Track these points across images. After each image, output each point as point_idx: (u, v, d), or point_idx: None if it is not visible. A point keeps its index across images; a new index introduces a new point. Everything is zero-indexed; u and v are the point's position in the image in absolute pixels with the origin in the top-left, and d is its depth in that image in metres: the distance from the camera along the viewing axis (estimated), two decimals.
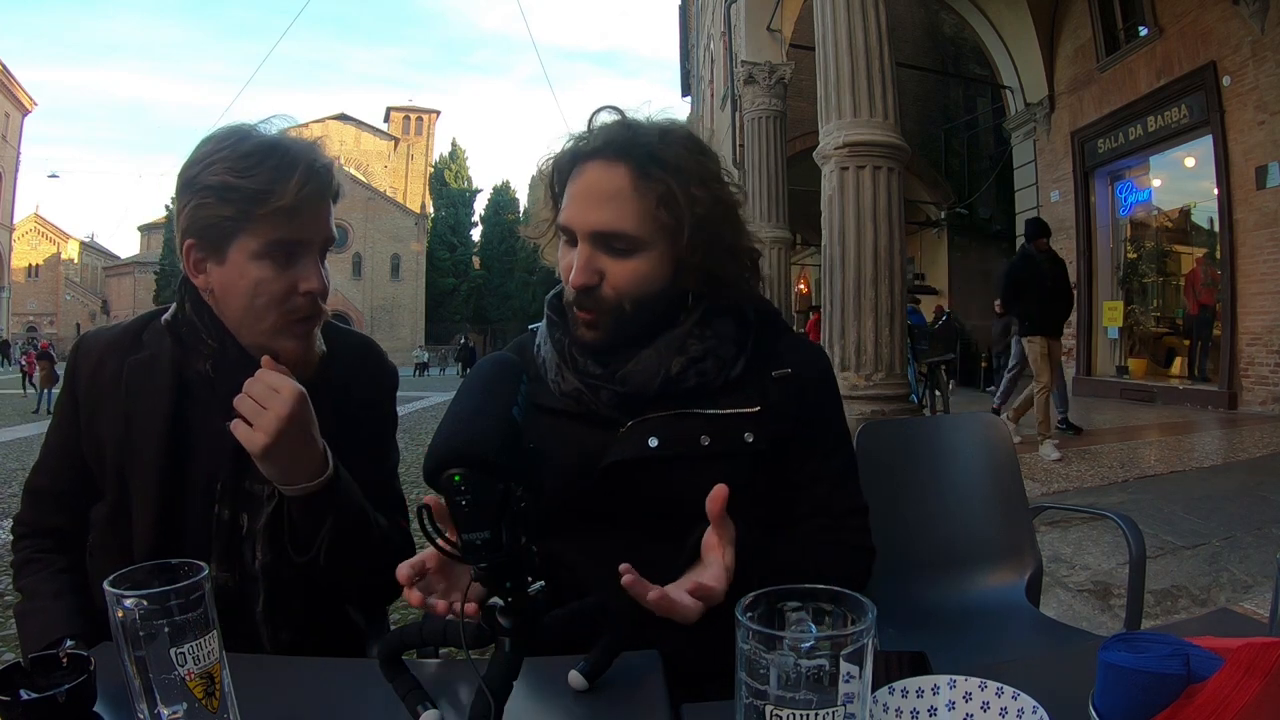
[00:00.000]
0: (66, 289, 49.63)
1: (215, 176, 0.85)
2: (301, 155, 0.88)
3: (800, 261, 14.91)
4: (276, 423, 0.80)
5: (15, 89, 36.33)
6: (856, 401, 3.97)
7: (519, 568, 0.54)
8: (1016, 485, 1.52)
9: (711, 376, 0.87)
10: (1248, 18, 6.79)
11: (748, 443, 0.86)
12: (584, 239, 0.85)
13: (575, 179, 0.87)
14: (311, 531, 0.87)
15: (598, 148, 0.86)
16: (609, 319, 0.87)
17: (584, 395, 0.88)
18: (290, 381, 0.83)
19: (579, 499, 0.86)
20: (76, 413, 0.96)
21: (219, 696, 0.53)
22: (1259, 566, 2.56)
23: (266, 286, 0.88)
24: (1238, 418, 6.79)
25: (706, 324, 0.89)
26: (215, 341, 0.92)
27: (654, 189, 0.83)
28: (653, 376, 0.86)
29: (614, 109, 0.90)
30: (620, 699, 0.63)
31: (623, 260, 0.85)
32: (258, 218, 0.85)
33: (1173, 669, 0.48)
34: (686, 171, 0.85)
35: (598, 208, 0.84)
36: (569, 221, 0.86)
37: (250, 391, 0.82)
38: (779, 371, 0.90)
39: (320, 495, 0.85)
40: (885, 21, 4.33)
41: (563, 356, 0.90)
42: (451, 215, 50.97)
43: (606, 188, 0.84)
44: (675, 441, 0.85)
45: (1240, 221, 7.20)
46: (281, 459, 0.82)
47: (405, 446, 1.13)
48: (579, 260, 0.85)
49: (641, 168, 0.84)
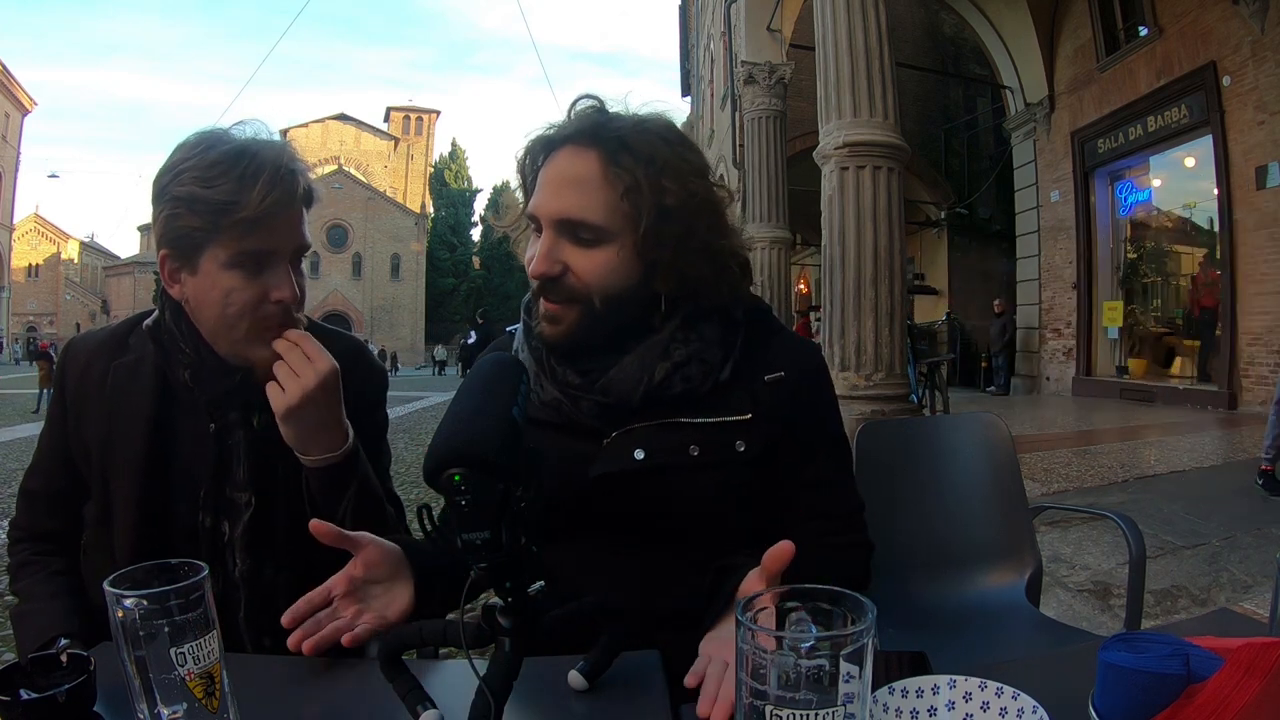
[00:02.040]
0: (66, 289, 49.61)
1: (183, 187, 0.85)
2: (267, 163, 0.86)
3: (800, 261, 14.90)
4: (302, 393, 0.84)
5: (15, 89, 36.31)
6: (856, 401, 3.97)
7: (519, 568, 0.54)
8: (1016, 485, 1.52)
9: (698, 383, 0.83)
10: (1248, 18, 6.79)
11: (739, 451, 0.83)
12: (548, 226, 0.82)
13: (546, 166, 0.84)
14: (332, 503, 0.89)
15: (569, 134, 0.83)
16: (576, 313, 0.83)
17: (564, 405, 0.84)
18: (327, 358, 0.87)
19: (568, 508, 0.84)
20: (65, 415, 0.97)
21: (219, 696, 0.53)
22: (1259, 566, 2.56)
23: (238, 296, 0.87)
24: (1238, 418, 6.79)
25: (691, 327, 0.85)
26: (192, 350, 0.92)
27: (622, 178, 0.80)
28: (635, 385, 0.82)
29: (592, 98, 0.86)
30: (620, 699, 0.63)
31: (588, 251, 0.81)
32: (225, 228, 0.85)
33: (1173, 669, 0.48)
34: (660, 163, 0.81)
35: (564, 194, 0.81)
36: (535, 208, 0.83)
37: (288, 358, 0.86)
38: (771, 376, 0.86)
39: (338, 468, 0.89)
40: (885, 21, 4.33)
41: (540, 365, 0.86)
42: (451, 215, 51.00)
43: (574, 174, 0.81)
44: (663, 452, 0.82)
45: (1240, 221, 7.20)
46: (303, 425, 0.86)
47: (405, 446, 1.14)
48: (541, 248, 0.82)
49: (612, 155, 0.80)
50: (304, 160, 0.92)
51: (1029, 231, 10.50)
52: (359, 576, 0.73)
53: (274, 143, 0.90)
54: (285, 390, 0.85)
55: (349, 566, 0.73)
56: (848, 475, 0.93)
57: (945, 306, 12.34)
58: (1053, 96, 9.79)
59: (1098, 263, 9.48)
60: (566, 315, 0.83)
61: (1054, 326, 10.10)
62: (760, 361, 0.87)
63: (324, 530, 0.71)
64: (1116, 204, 9.52)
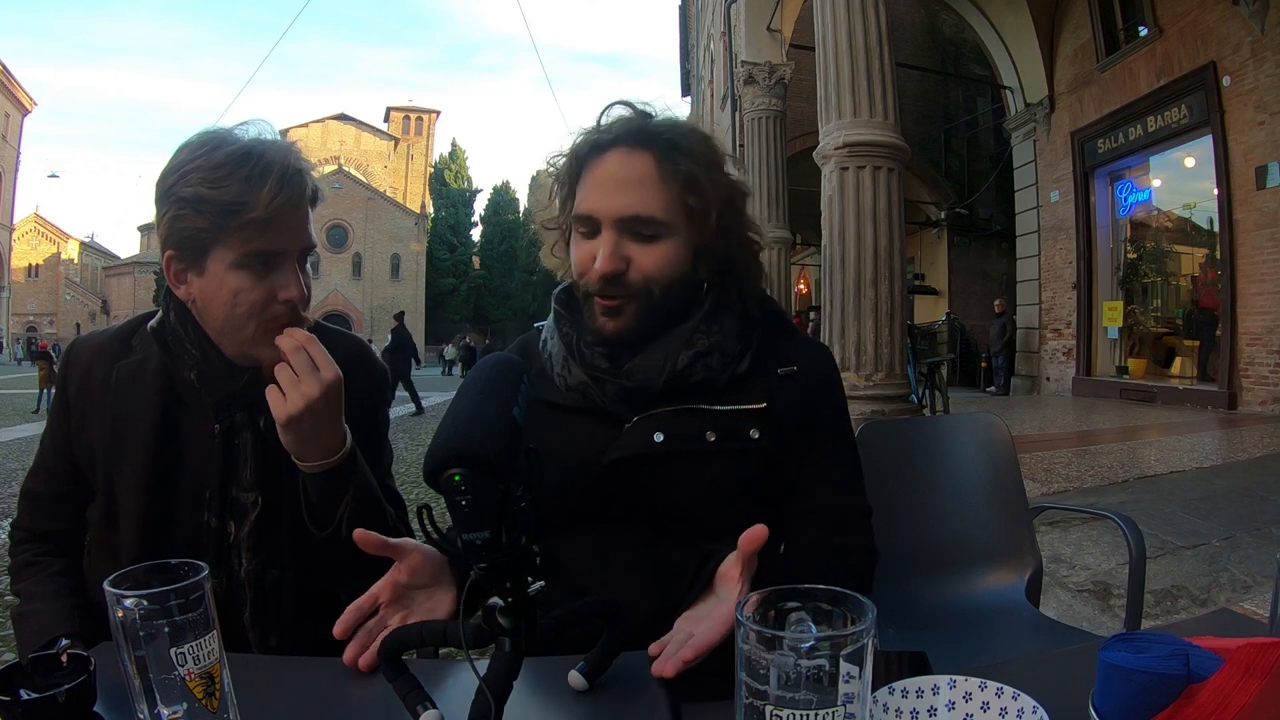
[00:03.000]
0: (66, 289, 49.62)
1: (189, 188, 0.84)
2: (274, 164, 0.86)
3: (800, 261, 14.92)
4: (305, 401, 0.83)
5: (15, 89, 36.32)
6: (856, 401, 3.97)
7: (519, 568, 0.54)
8: (1016, 485, 1.52)
9: (717, 372, 0.87)
10: (1248, 18, 6.79)
11: (753, 439, 0.86)
12: (609, 225, 0.85)
13: (595, 167, 0.87)
14: (329, 507, 0.89)
15: (619, 135, 0.87)
16: (636, 305, 0.86)
17: (590, 389, 0.88)
18: (332, 365, 0.86)
19: (582, 495, 0.86)
20: (68, 417, 0.96)
21: (219, 696, 0.53)
22: (1259, 566, 2.56)
23: (245, 296, 0.87)
24: (1238, 418, 6.78)
25: (713, 319, 0.89)
26: (198, 351, 0.92)
27: (679, 175, 0.84)
28: (659, 371, 0.85)
29: (626, 103, 0.90)
30: (620, 699, 0.63)
31: (649, 246, 0.85)
32: (232, 229, 0.85)
33: (1173, 669, 0.48)
34: (706, 160, 0.87)
35: (623, 193, 0.84)
36: (592, 209, 0.86)
37: (293, 361, 0.84)
38: (785, 369, 0.90)
39: (336, 472, 0.88)
40: (885, 22, 4.33)
41: (570, 350, 0.90)
42: (451, 215, 50.98)
43: (631, 174, 0.85)
44: (681, 437, 0.85)
45: (1240, 221, 7.20)
46: (302, 433, 0.85)
47: (405, 446, 1.14)
48: (606, 247, 0.85)
49: (665, 154, 0.85)
50: (309, 160, 0.92)
51: (1029, 231, 10.50)
52: (403, 582, 0.73)
53: (280, 143, 0.89)
54: (287, 398, 0.83)
55: (392, 572, 0.73)
56: (856, 478, 0.93)
57: (945, 306, 12.35)
58: (1053, 96, 9.79)
59: (1098, 263, 9.48)
60: (627, 308, 0.87)
61: (1054, 326, 10.10)
62: (774, 358, 0.91)
63: (370, 540, 0.70)
64: (1116, 204, 9.52)
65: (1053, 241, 10.04)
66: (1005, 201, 11.44)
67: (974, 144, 12.93)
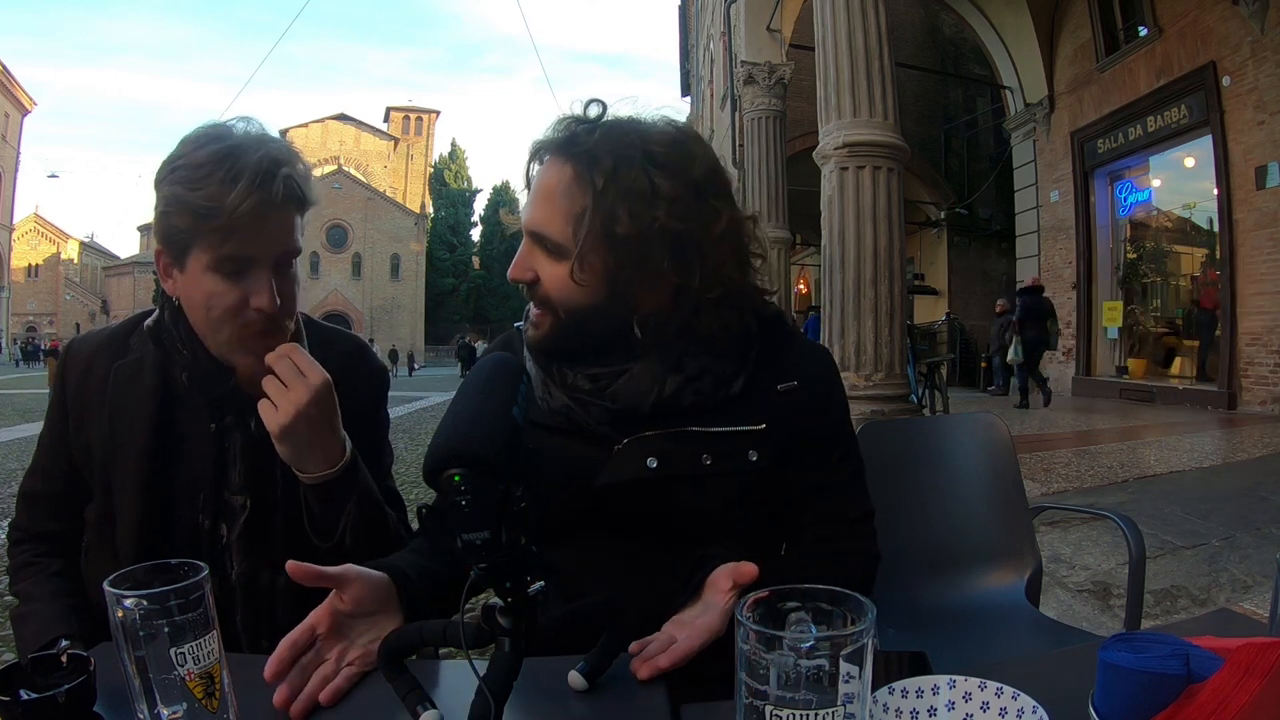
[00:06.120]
0: (66, 289, 49.61)
1: (171, 186, 0.83)
2: (248, 167, 0.82)
3: (800, 261, 14.92)
4: (295, 409, 0.81)
5: (15, 89, 36.31)
6: (856, 401, 3.97)
7: (519, 568, 0.54)
8: (1016, 485, 1.52)
9: (709, 395, 0.82)
10: (1248, 18, 6.79)
11: (752, 461, 0.82)
12: (526, 234, 0.83)
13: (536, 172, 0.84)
14: (331, 518, 0.88)
15: (548, 144, 0.82)
16: (550, 320, 0.83)
17: (573, 411, 0.84)
18: (318, 369, 0.84)
19: (574, 513, 0.83)
20: (66, 417, 0.96)
21: (219, 696, 0.53)
22: (1259, 566, 2.56)
23: (218, 300, 0.85)
24: (1237, 418, 6.79)
25: (704, 339, 0.83)
26: (189, 351, 0.91)
27: (582, 196, 0.77)
28: (645, 395, 0.81)
29: (599, 102, 0.84)
30: (620, 699, 0.63)
31: (554, 263, 0.80)
32: (206, 232, 0.83)
33: (1173, 669, 0.48)
34: (621, 188, 0.76)
35: (535, 204, 0.81)
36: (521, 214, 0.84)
37: (278, 369, 0.83)
38: (785, 385, 0.85)
39: (337, 482, 0.86)
40: (885, 22, 4.33)
41: (548, 373, 0.85)
42: (451, 215, 51.01)
43: (546, 185, 0.80)
44: (676, 462, 0.81)
45: (1240, 221, 7.21)
46: (299, 443, 0.83)
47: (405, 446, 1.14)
48: (518, 254, 0.83)
49: (581, 170, 0.78)
50: (304, 161, 0.90)
51: (1029, 231, 10.50)
52: (345, 611, 0.68)
53: (265, 142, 0.86)
54: (278, 408, 0.82)
55: (332, 598, 0.67)
56: (858, 480, 0.92)
57: (945, 306, 12.34)
58: (1052, 96, 9.79)
59: (1097, 263, 9.49)
60: (543, 321, 0.83)
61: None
62: (773, 370, 0.86)
63: (302, 572, 0.65)
64: (1116, 204, 9.53)
65: (1052, 241, 10.04)
66: (1005, 201, 11.45)
67: (974, 144, 12.93)
